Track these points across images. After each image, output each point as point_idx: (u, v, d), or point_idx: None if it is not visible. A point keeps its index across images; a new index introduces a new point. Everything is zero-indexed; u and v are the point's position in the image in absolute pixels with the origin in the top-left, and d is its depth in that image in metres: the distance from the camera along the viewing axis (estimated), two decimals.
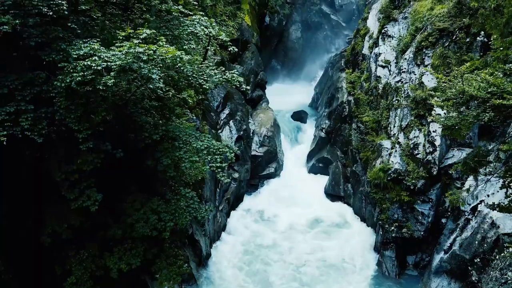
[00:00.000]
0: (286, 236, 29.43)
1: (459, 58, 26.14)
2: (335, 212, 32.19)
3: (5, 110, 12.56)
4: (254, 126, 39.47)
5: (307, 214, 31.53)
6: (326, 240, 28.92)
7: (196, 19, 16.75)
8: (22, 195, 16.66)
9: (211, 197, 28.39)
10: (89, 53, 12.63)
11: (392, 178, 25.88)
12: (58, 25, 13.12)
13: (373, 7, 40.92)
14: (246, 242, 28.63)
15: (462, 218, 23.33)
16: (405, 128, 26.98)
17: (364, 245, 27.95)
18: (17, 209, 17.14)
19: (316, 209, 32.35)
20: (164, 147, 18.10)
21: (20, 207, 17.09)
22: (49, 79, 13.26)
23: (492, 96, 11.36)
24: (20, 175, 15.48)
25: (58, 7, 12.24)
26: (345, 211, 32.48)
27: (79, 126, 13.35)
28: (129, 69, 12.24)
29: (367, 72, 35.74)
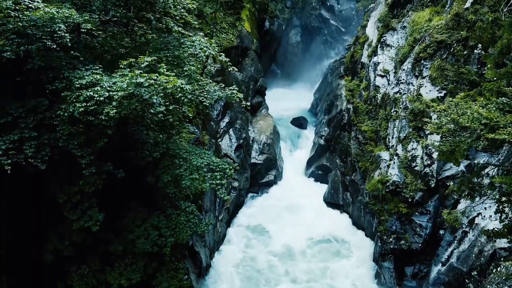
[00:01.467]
0: (284, 252, 29.19)
1: (457, 70, 26.39)
2: (334, 223, 32.30)
3: (9, 138, 12.81)
4: (253, 134, 39.66)
5: (306, 228, 31.31)
6: (326, 259, 28.71)
7: (196, 40, 16.95)
8: (25, 213, 16.90)
9: (211, 207, 28.60)
10: (91, 82, 12.86)
11: (391, 190, 26.14)
12: (61, 51, 13.33)
13: (372, 15, 41.15)
14: (243, 258, 28.64)
15: (459, 230, 23.58)
16: (403, 139, 27.20)
17: (363, 256, 28.14)
18: (20, 227, 17.38)
19: (315, 221, 32.35)
20: (164, 164, 18.34)
21: (23, 225, 17.33)
22: (52, 105, 13.50)
23: (485, 127, 11.60)
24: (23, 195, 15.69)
25: (61, 39, 12.47)
26: (344, 221, 32.63)
27: (81, 152, 13.61)
28: (131, 96, 12.47)
29: (366, 81, 35.96)
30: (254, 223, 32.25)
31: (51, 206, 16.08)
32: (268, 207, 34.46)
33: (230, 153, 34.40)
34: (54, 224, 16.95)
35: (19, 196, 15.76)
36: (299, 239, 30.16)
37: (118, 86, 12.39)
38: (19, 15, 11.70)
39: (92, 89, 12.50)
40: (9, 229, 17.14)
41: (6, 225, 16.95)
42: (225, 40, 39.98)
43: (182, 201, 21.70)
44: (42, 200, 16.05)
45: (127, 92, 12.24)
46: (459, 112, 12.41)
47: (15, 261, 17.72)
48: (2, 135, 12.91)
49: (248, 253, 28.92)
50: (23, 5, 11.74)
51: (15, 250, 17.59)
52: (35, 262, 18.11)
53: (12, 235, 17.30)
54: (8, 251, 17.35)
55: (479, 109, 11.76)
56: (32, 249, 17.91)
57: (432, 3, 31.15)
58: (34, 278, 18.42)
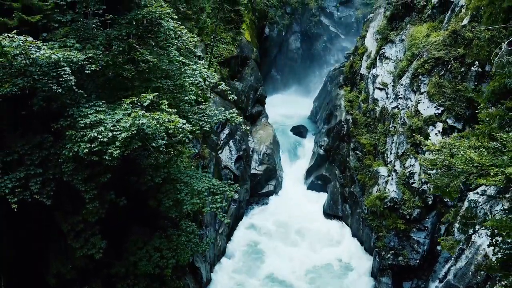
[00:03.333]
0: (283, 273, 29.12)
1: (454, 87, 26.65)
2: (333, 236, 32.63)
3: (15, 176, 13.17)
4: (253, 144, 39.96)
5: (305, 242, 31.68)
6: (324, 274, 28.93)
7: (197, 69, 17.27)
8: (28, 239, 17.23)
9: (211, 221, 28.93)
10: (95, 121, 13.19)
11: (389, 206, 26.48)
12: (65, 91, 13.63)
13: (371, 25, 41.46)
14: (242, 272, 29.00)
15: (456, 247, 23.89)
16: (401, 156, 27.52)
17: (361, 271, 28.49)
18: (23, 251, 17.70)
19: (314, 234, 32.65)
20: (166, 188, 18.67)
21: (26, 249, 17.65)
22: (57, 141, 13.83)
23: (477, 169, 11.94)
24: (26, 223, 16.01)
25: (67, 83, 12.81)
26: (343, 233, 32.95)
27: (85, 186, 13.94)
28: (133, 136, 12.82)
29: (365, 93, 36.27)
30: (253, 239, 32.34)
31: (54, 234, 16.39)
32: (267, 219, 34.74)
33: (230, 165, 34.73)
34: (57, 249, 17.25)
35: (23, 224, 16.06)
36: (298, 272, 29.98)
37: (121, 125, 12.72)
38: (25, 58, 11.98)
39: (96, 129, 12.84)
40: (13, 250, 17.46)
41: (8, 245, 17.25)
42: (225, 50, 40.27)
43: (183, 220, 22.01)
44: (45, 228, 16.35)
45: (130, 133, 12.57)
46: (452, 149, 12.73)
47: (18, 283, 18.03)
48: (9, 172, 13.27)
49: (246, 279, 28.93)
50: (31, 52, 12.01)
51: (18, 272, 17.89)
52: (38, 284, 18.44)
53: (16, 257, 17.62)
54: (11, 275, 17.67)
55: (471, 154, 12.10)
56: (35, 271, 18.22)
57: (430, 19, 31.44)
58: None
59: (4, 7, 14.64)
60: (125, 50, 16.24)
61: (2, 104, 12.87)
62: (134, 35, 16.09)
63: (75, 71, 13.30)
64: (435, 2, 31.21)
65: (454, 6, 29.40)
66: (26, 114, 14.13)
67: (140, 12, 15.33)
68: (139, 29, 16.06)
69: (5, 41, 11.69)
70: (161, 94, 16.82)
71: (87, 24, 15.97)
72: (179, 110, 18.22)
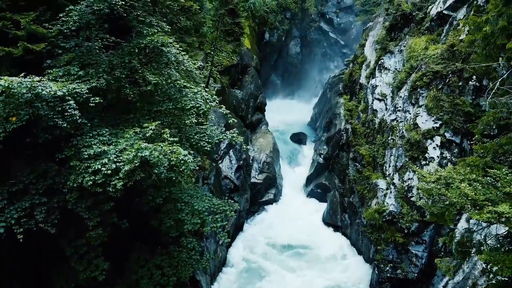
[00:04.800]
0: None
1: (452, 101, 26.89)
2: (333, 246, 32.89)
3: (21, 206, 13.46)
4: (253, 153, 40.23)
5: (304, 253, 31.97)
6: None
7: (198, 92, 17.54)
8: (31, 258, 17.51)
9: (212, 232, 29.17)
10: (99, 152, 13.47)
11: (387, 220, 26.76)
12: None
13: (370, 34, 41.73)
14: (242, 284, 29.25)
15: (454, 261, 24.17)
16: (400, 169, 27.80)
17: (361, 283, 28.77)
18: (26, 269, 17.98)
19: (313, 244, 32.93)
20: (167, 208, 18.94)
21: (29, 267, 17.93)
22: (61, 170, 14.12)
23: (472, 203, 12.23)
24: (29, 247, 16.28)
25: (72, 117, 13.09)
26: (343, 243, 33.23)
27: (89, 214, 14.24)
28: (136, 169, 13.12)
29: (364, 103, 36.54)
30: (253, 250, 32.52)
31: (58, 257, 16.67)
32: (267, 229, 34.99)
33: (231, 175, 35.02)
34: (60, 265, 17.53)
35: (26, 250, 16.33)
36: (295, 268, 30.50)
37: (124, 157, 13.00)
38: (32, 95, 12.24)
39: (100, 161, 13.12)
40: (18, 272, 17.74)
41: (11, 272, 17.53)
42: (225, 59, 40.55)
43: (183, 236, 22.28)
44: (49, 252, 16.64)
45: (133, 165, 12.86)
46: (448, 180, 13.02)
47: None
48: (14, 202, 13.55)
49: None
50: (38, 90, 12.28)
51: None
52: None
53: (20, 276, 17.91)
54: None
55: (465, 189, 12.38)
56: None
57: (428, 31, 31.70)
58: None
59: (9, 36, 14.89)
60: (128, 74, 16.51)
61: None
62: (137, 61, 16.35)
63: (80, 103, 13.57)
64: (433, 15, 31.44)
65: (452, 19, 29.66)
66: (30, 141, 14.38)
67: (142, 41, 15.60)
68: (141, 55, 16.32)
69: (13, 83, 11.94)
70: (163, 117, 17.08)
71: (91, 47, 16.23)
72: (181, 131, 18.53)
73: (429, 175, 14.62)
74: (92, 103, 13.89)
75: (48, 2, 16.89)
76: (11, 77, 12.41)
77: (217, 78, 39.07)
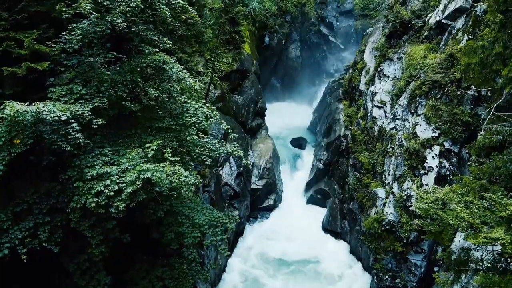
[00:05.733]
0: None
1: (451, 111, 27.08)
2: (332, 252, 33.08)
3: (25, 226, 13.69)
4: (253, 158, 40.43)
5: (304, 270, 32.12)
6: None
7: (199, 108, 17.76)
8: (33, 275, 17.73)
9: None
10: (102, 173, 13.69)
11: (386, 229, 26.97)
12: None
13: (369, 40, 41.86)
14: None
15: (452, 277, 24.37)
16: (399, 178, 28.00)
17: None
18: None
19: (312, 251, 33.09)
20: (168, 221, 19.15)
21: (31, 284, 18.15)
22: (64, 189, 14.33)
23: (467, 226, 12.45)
24: None
25: (75, 141, 13.31)
26: (342, 250, 33.43)
27: (92, 233, 14.47)
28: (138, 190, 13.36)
29: (364, 110, 36.73)
30: (252, 258, 32.71)
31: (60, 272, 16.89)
32: (267, 236, 35.17)
33: (231, 182, 35.23)
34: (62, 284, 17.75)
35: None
36: (295, 282, 30.54)
37: (127, 179, 13.21)
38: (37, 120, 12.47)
39: (103, 182, 13.33)
40: None
41: None
42: (225, 65, 40.72)
43: (184, 246, 22.50)
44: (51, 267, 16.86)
45: (135, 187, 13.08)
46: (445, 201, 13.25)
47: None
48: (18, 222, 13.77)
49: None
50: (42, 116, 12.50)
51: None
52: None
53: None
54: None
55: (462, 213, 12.59)
56: None
57: (427, 40, 31.87)
58: None
59: (12, 56, 15.10)
60: (130, 90, 16.72)
61: None
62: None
63: (83, 124, 13.78)
64: (432, 24, 31.63)
65: (451, 28, 29.85)
66: (34, 161, 14.57)
67: (144, 60, 15.80)
68: (143, 72, 16.52)
69: (19, 113, 12.16)
70: (164, 133, 17.27)
71: (93, 64, 16.44)
72: (182, 145, 18.75)
73: (426, 195, 14.83)
74: (95, 125, 14.09)
75: (50, 19, 17.10)
76: (16, 104, 12.61)
77: (217, 84, 39.29)
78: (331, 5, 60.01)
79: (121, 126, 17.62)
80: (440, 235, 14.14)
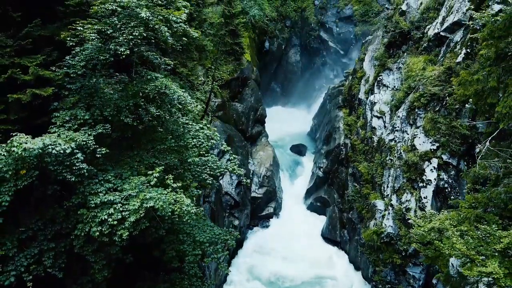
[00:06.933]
0: None
1: (449, 124, 27.29)
2: (331, 262, 33.36)
3: (30, 253, 13.98)
4: (253, 167, 40.68)
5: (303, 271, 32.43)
6: None
7: (200, 130, 18.05)
8: None
9: None
10: (105, 201, 13.98)
11: (385, 241, 27.26)
12: None
13: (369, 48, 42.11)
14: None
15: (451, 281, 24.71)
16: (398, 190, 28.28)
17: None
18: None
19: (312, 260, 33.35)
20: (169, 239, 19.41)
21: None
22: (68, 215, 14.63)
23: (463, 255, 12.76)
24: None
25: (80, 171, 13.61)
26: (341, 260, 33.72)
27: (95, 258, 14.76)
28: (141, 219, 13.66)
29: (363, 119, 37.01)
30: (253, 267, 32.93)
31: None
32: (266, 246, 35.37)
33: (231, 192, 35.52)
34: None
35: None
36: None
37: (130, 207, 13.50)
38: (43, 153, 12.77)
39: (106, 211, 13.62)
40: None
41: None
42: (225, 73, 40.98)
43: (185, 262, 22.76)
44: None
45: (138, 215, 13.37)
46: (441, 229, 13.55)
47: None
48: (24, 249, 14.07)
49: None
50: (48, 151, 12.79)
51: None
52: None
53: None
54: None
55: (457, 243, 12.87)
56: None
57: (426, 51, 32.11)
58: None
59: (17, 83, 15.37)
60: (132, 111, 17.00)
61: None
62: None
63: (87, 154, 14.07)
64: (431, 36, 31.86)
65: (449, 41, 30.09)
66: (39, 188, 14.83)
67: (146, 86, 16.07)
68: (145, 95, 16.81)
69: (26, 151, 12.45)
70: (166, 155, 17.54)
71: (96, 87, 16.73)
72: (183, 164, 19.03)
73: (423, 223, 15.11)
74: (99, 154, 14.37)
75: (54, 42, 17.36)
76: (22, 139, 12.86)
77: (218, 93, 39.54)
78: (330, 11, 60.20)
79: (122, 147, 17.90)
80: (436, 259, 14.43)
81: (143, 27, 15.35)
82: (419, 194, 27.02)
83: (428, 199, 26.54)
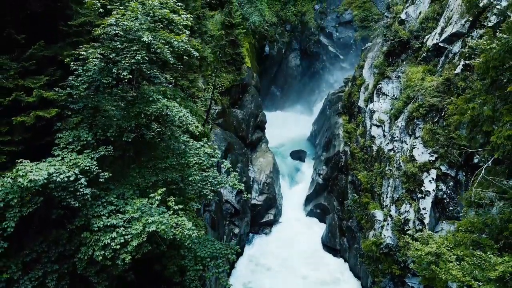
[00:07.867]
0: None
1: (447, 135, 27.51)
2: (331, 270, 33.59)
3: (34, 275, 14.23)
4: (254, 173, 40.92)
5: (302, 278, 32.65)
6: None
7: (200, 148, 18.30)
8: None
9: None
10: (108, 224, 14.23)
11: (384, 252, 27.50)
12: None
13: (368, 56, 42.34)
14: None
15: None
16: (397, 200, 28.52)
17: None
18: None
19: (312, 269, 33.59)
20: (170, 254, 19.67)
21: None
22: (72, 237, 14.88)
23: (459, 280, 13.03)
24: None
25: (83, 197, 13.86)
26: (341, 267, 33.95)
27: (98, 279, 15.01)
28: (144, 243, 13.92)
29: (363, 127, 37.25)
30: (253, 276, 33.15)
31: None
32: (267, 253, 35.64)
33: (231, 200, 35.75)
34: None
35: None
36: None
37: (133, 231, 13.75)
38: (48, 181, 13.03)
39: (109, 235, 13.86)
40: None
41: None
42: (226, 80, 41.19)
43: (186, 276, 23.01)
44: None
45: (141, 239, 13.62)
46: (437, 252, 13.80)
47: None
48: (28, 271, 14.32)
49: None
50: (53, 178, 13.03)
51: None
52: None
53: None
54: None
55: (453, 270, 13.11)
56: None
57: (425, 61, 32.28)
58: None
59: (21, 105, 15.61)
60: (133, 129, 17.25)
61: None
62: None
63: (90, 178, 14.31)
64: (429, 46, 32.05)
65: (448, 52, 30.28)
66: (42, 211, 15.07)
67: (148, 109, 16.30)
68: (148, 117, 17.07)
69: (33, 181, 12.69)
70: (167, 173, 17.78)
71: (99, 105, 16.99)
72: (184, 179, 19.27)
73: (421, 246, 15.36)
74: (102, 179, 14.62)
75: (57, 62, 17.59)
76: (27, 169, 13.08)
77: (218, 100, 39.77)
78: (330, 15, 60.43)
79: (124, 164, 18.14)
80: (433, 281, 14.69)
81: (145, 50, 15.58)
82: (418, 205, 27.24)
83: (427, 210, 26.75)
